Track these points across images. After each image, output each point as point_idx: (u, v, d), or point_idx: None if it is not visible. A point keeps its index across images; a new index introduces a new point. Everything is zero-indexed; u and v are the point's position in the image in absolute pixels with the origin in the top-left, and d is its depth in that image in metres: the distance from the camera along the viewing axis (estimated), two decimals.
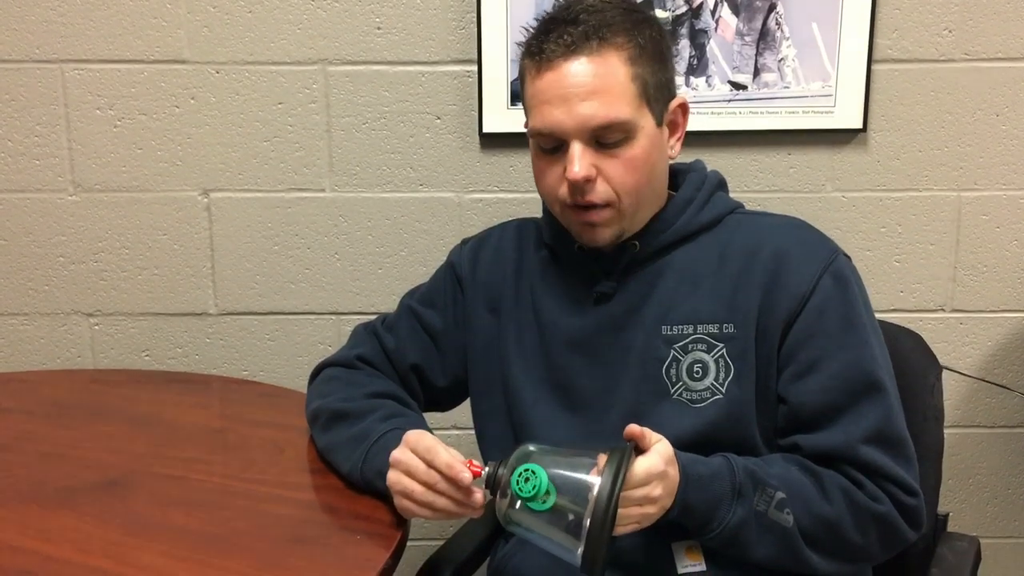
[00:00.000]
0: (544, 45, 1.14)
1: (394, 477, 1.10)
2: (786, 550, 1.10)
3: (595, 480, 0.96)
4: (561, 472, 0.99)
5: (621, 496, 0.95)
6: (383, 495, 1.16)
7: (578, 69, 1.12)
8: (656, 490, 1.02)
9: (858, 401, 1.13)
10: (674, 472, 1.06)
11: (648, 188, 1.18)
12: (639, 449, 1.03)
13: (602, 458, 0.98)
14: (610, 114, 1.12)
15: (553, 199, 1.19)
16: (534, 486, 0.98)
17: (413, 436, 1.11)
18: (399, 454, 1.10)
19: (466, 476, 1.04)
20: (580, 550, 0.95)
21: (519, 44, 1.22)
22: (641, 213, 1.19)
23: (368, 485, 1.18)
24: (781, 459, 1.15)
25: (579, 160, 1.13)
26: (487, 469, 1.04)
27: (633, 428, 1.03)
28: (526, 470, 0.99)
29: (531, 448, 1.03)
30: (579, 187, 1.14)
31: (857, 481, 1.12)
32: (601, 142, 1.14)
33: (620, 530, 1.00)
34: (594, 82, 1.12)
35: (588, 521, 0.94)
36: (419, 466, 1.08)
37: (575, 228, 1.20)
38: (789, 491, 1.10)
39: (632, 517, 1.02)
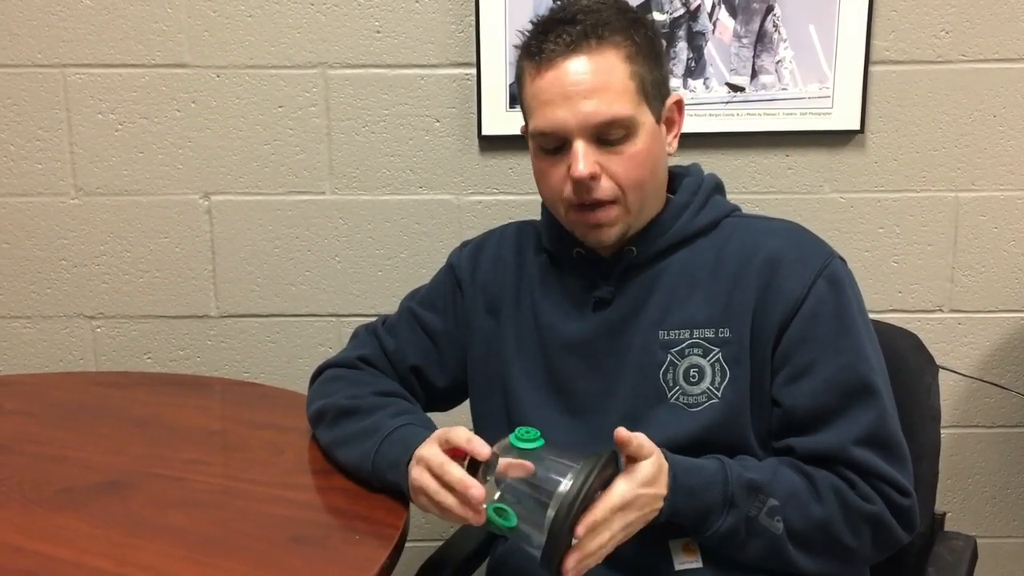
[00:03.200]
0: (543, 45, 1.15)
1: (415, 473, 1.10)
2: (772, 553, 1.11)
3: (565, 484, 0.99)
4: (537, 474, 1.02)
5: (600, 524, 1.00)
6: (391, 487, 1.17)
7: (578, 67, 1.14)
8: (630, 515, 1.03)
9: (851, 404, 1.13)
10: (654, 490, 1.06)
11: (651, 184, 1.19)
12: (629, 456, 1.04)
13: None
14: (612, 111, 1.13)
15: (557, 200, 1.19)
16: (506, 521, 1.02)
17: (428, 449, 1.10)
18: (424, 451, 1.10)
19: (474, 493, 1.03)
20: (541, 546, 0.99)
21: (516, 46, 1.22)
22: (645, 210, 1.20)
23: (379, 475, 1.18)
24: (776, 462, 1.15)
25: (583, 158, 1.13)
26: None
27: (621, 433, 1.03)
28: (499, 509, 1.02)
29: (504, 446, 1.05)
30: (584, 185, 1.14)
31: (850, 481, 1.12)
32: (604, 140, 1.15)
33: (597, 553, 1.02)
34: (595, 80, 1.13)
35: (550, 520, 0.97)
36: (436, 464, 1.07)
37: (580, 229, 1.20)
38: (783, 497, 1.11)
39: (612, 540, 1.03)
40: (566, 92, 1.13)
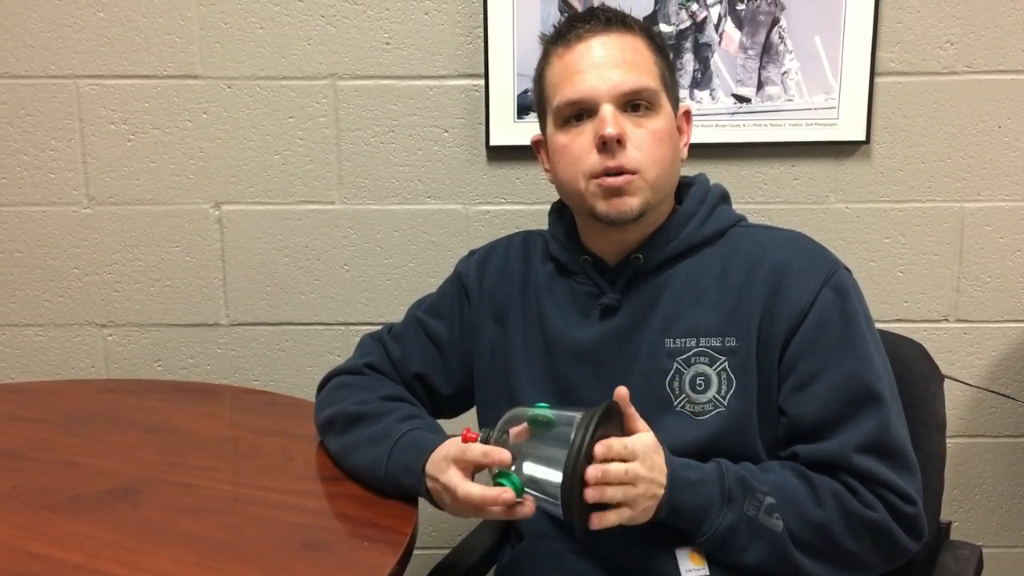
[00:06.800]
0: (572, 28, 1.21)
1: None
2: (776, 554, 1.12)
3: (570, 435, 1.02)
4: (544, 436, 1.07)
5: (604, 472, 1.01)
6: (406, 492, 1.19)
7: (608, 41, 1.20)
8: (639, 469, 1.04)
9: (855, 412, 1.14)
10: (659, 460, 1.08)
11: (669, 170, 1.20)
12: (620, 413, 1.08)
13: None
14: (640, 81, 1.18)
15: (578, 175, 1.19)
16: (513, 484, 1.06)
17: (443, 481, 1.13)
18: (442, 478, 1.13)
19: (507, 496, 1.06)
20: (560, 500, 1.01)
21: (542, 41, 1.27)
22: (660, 193, 1.20)
23: (392, 480, 1.20)
24: (777, 465, 1.17)
25: (611, 120, 1.16)
26: (480, 435, 1.09)
27: (622, 391, 1.07)
28: (499, 481, 1.06)
29: (516, 414, 1.09)
30: (610, 147, 1.16)
31: (851, 488, 1.13)
32: (629, 110, 1.18)
33: (611, 518, 1.04)
34: (623, 54, 1.19)
35: (562, 470, 1.00)
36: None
37: (602, 203, 1.18)
38: (779, 496, 1.12)
39: (616, 494, 1.03)
40: (595, 62, 1.19)
